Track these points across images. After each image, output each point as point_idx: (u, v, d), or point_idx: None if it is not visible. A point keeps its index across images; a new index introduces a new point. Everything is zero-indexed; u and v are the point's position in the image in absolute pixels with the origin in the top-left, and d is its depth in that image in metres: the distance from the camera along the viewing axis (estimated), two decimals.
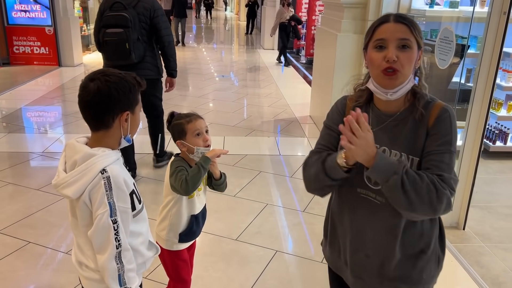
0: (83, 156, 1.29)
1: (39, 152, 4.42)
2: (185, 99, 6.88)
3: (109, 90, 1.29)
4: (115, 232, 1.28)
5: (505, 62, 4.50)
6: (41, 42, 8.67)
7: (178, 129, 1.85)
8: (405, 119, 1.30)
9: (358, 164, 1.27)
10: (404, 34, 1.24)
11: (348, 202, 1.41)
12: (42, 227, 3.03)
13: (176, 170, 1.80)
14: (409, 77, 1.27)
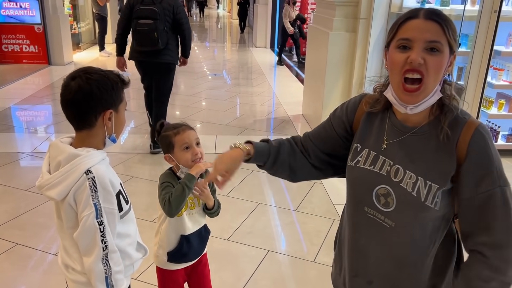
0: (67, 156, 1.26)
1: (28, 152, 4.36)
2: (177, 98, 6.83)
3: (90, 88, 1.26)
4: (101, 233, 1.25)
5: (496, 60, 4.52)
6: (30, 40, 8.56)
7: (165, 142, 1.71)
8: (428, 135, 1.11)
9: (366, 182, 1.18)
10: (435, 35, 1.03)
11: (353, 219, 1.26)
12: (31, 229, 2.98)
13: (161, 186, 1.69)
14: (436, 87, 1.06)
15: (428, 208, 1.09)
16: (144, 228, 1.67)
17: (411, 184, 1.10)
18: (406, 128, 1.14)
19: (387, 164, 1.15)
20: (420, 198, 1.09)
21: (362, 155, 1.21)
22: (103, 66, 9.14)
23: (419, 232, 1.14)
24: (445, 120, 1.08)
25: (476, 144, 1.05)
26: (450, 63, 1.08)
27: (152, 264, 2.58)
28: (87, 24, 11.54)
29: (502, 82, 4.46)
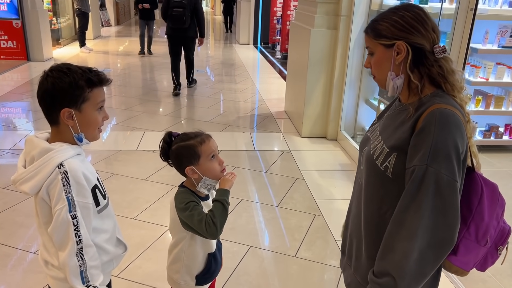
0: (40, 151, 1.26)
1: (7, 149, 4.28)
2: (160, 94, 6.78)
3: (46, 85, 1.27)
4: (75, 227, 1.24)
5: (473, 58, 4.62)
6: (8, 36, 8.39)
7: (188, 153, 1.53)
8: (404, 111, 1.25)
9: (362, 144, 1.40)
10: (367, 42, 1.31)
11: (355, 177, 1.48)
12: (9, 227, 2.94)
13: (188, 207, 1.51)
14: (387, 77, 1.26)
15: (377, 168, 1.24)
16: (125, 225, 1.64)
17: (374, 144, 1.30)
18: (398, 105, 1.34)
19: (376, 130, 1.37)
20: (373, 156, 1.27)
21: (372, 125, 1.44)
22: (84, 62, 9.03)
23: (376, 192, 1.27)
24: (414, 102, 1.22)
25: (425, 121, 1.14)
26: (399, 52, 1.22)
27: (134, 261, 2.58)
28: (67, 20, 11.35)
29: (479, 79, 4.56)
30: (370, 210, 1.30)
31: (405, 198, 1.15)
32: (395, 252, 1.15)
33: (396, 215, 1.17)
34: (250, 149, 4.62)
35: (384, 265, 1.18)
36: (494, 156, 4.64)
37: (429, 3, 4.06)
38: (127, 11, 17.94)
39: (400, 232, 1.15)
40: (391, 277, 1.15)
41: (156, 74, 8.20)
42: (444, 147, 1.11)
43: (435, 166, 1.10)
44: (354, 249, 1.39)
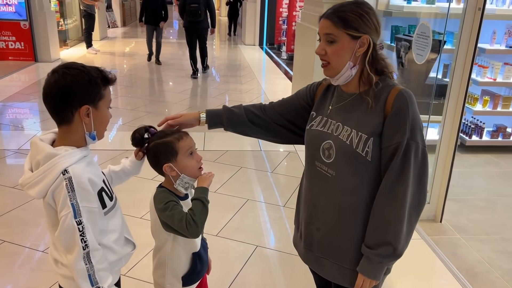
0: (45, 156, 1.26)
1: (14, 149, 4.32)
2: (166, 95, 6.81)
3: (65, 83, 1.24)
4: (81, 233, 1.24)
5: (480, 58, 4.60)
6: (16, 37, 8.45)
7: (166, 149, 1.50)
8: (361, 101, 1.37)
9: (316, 140, 1.43)
10: (328, 30, 1.33)
11: (308, 175, 1.50)
12: (17, 226, 2.96)
13: (168, 207, 1.47)
14: (345, 66, 1.34)
15: (359, 155, 1.33)
16: (132, 225, 1.63)
17: (346, 135, 1.36)
18: (346, 95, 1.42)
19: (332, 124, 1.42)
20: (352, 145, 1.33)
21: (315, 120, 1.48)
22: (90, 63, 9.06)
23: (354, 180, 1.36)
24: (370, 92, 1.35)
25: (397, 103, 1.29)
26: (362, 45, 1.32)
27: (141, 260, 2.59)
28: (74, 21, 11.42)
29: (486, 79, 4.54)
30: (353, 198, 1.37)
31: (392, 172, 1.29)
32: (390, 222, 1.30)
33: (385, 188, 1.31)
34: (256, 149, 4.62)
35: (379, 236, 1.32)
36: (502, 157, 4.62)
37: (436, 3, 4.05)
38: (133, 12, 18.02)
39: (391, 203, 1.30)
40: (389, 245, 1.31)
41: (162, 75, 8.22)
42: (417, 122, 1.30)
43: (414, 139, 1.28)
44: (330, 241, 1.43)
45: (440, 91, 3.26)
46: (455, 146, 3.10)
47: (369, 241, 1.35)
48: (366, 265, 1.37)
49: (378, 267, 1.36)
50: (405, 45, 3.70)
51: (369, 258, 1.35)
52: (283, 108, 1.61)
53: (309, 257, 1.53)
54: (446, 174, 3.16)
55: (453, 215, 3.36)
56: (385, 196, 1.31)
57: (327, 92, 1.51)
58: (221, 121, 1.60)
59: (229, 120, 1.59)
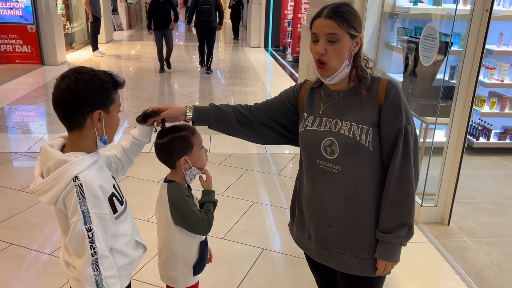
0: (55, 163, 1.25)
1: (22, 152, 4.34)
2: (171, 98, 6.82)
3: (78, 88, 1.23)
4: (90, 240, 1.24)
5: (488, 59, 4.56)
6: (23, 40, 8.51)
7: (183, 143, 1.57)
8: (352, 96, 1.44)
9: (314, 139, 1.47)
10: (332, 29, 1.36)
11: (310, 174, 1.52)
12: (24, 229, 2.97)
13: (187, 202, 1.56)
14: (342, 65, 1.40)
15: (363, 146, 1.39)
16: (139, 228, 1.64)
17: (347, 129, 1.41)
18: (336, 93, 1.48)
19: (328, 122, 1.46)
20: (356, 138, 1.39)
21: (308, 120, 1.51)
22: (97, 66, 9.08)
23: (360, 170, 1.42)
24: (362, 86, 1.42)
25: (389, 92, 1.39)
26: (356, 44, 1.40)
27: (148, 263, 2.59)
28: (80, 24, 11.49)
29: (494, 80, 4.51)
30: (361, 188, 1.43)
31: (398, 156, 1.38)
32: (404, 204, 1.40)
33: (393, 172, 1.39)
34: (261, 152, 4.62)
35: (395, 219, 1.40)
36: (509, 159, 4.58)
37: (442, 4, 4.03)
38: (139, 15, 18.10)
39: (403, 184, 1.39)
40: (405, 226, 1.41)
41: (168, 77, 8.24)
42: (408, 107, 1.41)
43: (409, 123, 1.39)
44: (344, 235, 1.47)
45: (447, 93, 3.24)
46: (462, 148, 3.08)
47: (385, 226, 1.42)
48: (385, 250, 1.43)
49: (398, 249, 1.44)
50: (412, 47, 3.68)
51: (389, 242, 1.41)
52: (268, 108, 1.64)
53: (324, 255, 1.53)
54: (454, 177, 3.14)
55: (461, 217, 3.33)
56: (396, 180, 1.39)
57: (312, 93, 1.56)
58: (207, 118, 1.59)
59: (216, 118, 1.59)
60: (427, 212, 3.22)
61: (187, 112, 1.55)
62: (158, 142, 1.59)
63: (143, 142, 1.63)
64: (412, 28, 4.21)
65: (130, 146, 1.62)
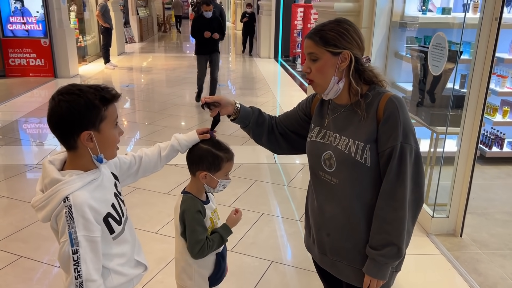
0: (50, 181, 1.25)
1: (33, 164, 4.39)
2: (182, 109, 6.86)
3: (61, 111, 1.21)
4: (75, 262, 1.21)
5: (499, 68, 4.51)
6: (36, 54, 8.67)
7: (212, 161, 1.59)
8: (353, 111, 1.45)
9: (316, 151, 1.51)
10: (310, 49, 1.41)
11: (313, 185, 1.58)
12: (34, 241, 2.99)
13: (197, 219, 1.59)
14: (330, 82, 1.42)
15: (358, 163, 1.40)
16: (147, 240, 1.63)
17: (344, 145, 1.43)
18: (339, 107, 1.50)
19: (330, 135, 1.49)
20: (351, 154, 1.40)
21: (314, 132, 1.56)
22: (108, 78, 9.20)
23: (357, 185, 1.43)
24: (362, 103, 1.42)
25: (387, 109, 1.37)
26: (344, 60, 1.40)
27: (156, 276, 2.58)
28: (93, 37, 11.68)
29: (506, 89, 4.44)
30: (358, 203, 1.44)
31: (391, 174, 1.36)
32: (392, 223, 1.37)
33: (385, 190, 1.38)
34: (271, 162, 4.60)
35: (383, 237, 1.39)
36: None
37: (452, 13, 4.01)
38: (150, 27, 18.34)
39: (393, 204, 1.37)
40: (393, 245, 1.38)
41: (179, 89, 8.31)
42: (408, 125, 1.37)
43: (407, 142, 1.36)
44: (340, 245, 1.50)
45: (457, 102, 3.20)
46: (474, 157, 3.03)
47: (373, 242, 1.42)
48: (371, 266, 1.43)
49: (384, 267, 1.42)
50: (421, 56, 3.66)
51: (375, 259, 1.41)
52: (287, 120, 1.71)
53: (324, 261, 1.58)
54: (466, 187, 3.08)
55: (474, 229, 3.27)
56: (386, 198, 1.39)
57: (323, 104, 1.59)
58: (249, 118, 1.65)
59: (256, 120, 1.66)
60: (438, 223, 3.17)
61: (236, 105, 1.62)
62: (199, 145, 1.62)
63: (181, 150, 1.64)
64: (421, 37, 4.19)
65: (168, 150, 1.62)
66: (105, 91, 1.27)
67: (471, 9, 3.84)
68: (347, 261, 1.50)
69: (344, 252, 1.50)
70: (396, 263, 1.44)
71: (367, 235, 1.44)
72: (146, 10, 17.54)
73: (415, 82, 3.83)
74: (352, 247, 1.48)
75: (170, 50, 14.96)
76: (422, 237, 3.13)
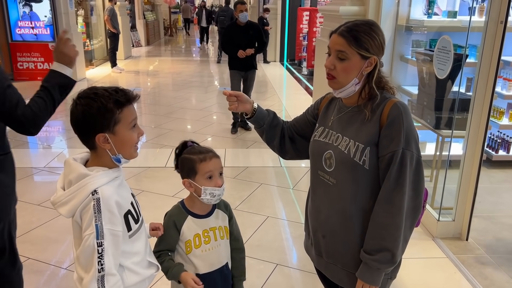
0: (77, 176, 1.28)
1: (41, 167, 4.44)
2: (188, 112, 6.90)
3: (77, 114, 1.28)
4: (99, 255, 1.25)
5: (506, 71, 4.49)
6: (44, 58, 8.75)
7: (188, 166, 1.58)
8: (358, 113, 1.45)
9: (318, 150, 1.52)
10: (341, 47, 1.39)
11: (312, 184, 1.58)
12: (42, 243, 3.02)
13: (167, 225, 1.63)
14: (350, 82, 1.41)
15: (357, 164, 1.39)
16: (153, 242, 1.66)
17: (344, 145, 1.43)
18: (345, 107, 1.50)
19: (332, 135, 1.50)
20: (350, 155, 1.40)
21: (318, 131, 1.57)
22: (115, 82, 9.25)
23: (354, 187, 1.42)
24: (368, 105, 1.42)
25: (391, 114, 1.36)
26: (370, 65, 1.40)
27: (162, 278, 2.59)
28: (100, 41, 11.77)
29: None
30: (353, 205, 1.43)
31: (390, 180, 1.35)
32: (388, 229, 1.36)
33: (383, 195, 1.37)
34: (276, 165, 4.61)
35: (378, 242, 1.37)
36: None
37: (457, 16, 4.01)
38: (157, 31, 18.45)
39: (390, 209, 1.35)
40: (387, 251, 1.36)
41: (185, 93, 8.35)
42: (411, 132, 1.36)
43: (409, 148, 1.35)
44: (335, 247, 1.49)
45: (463, 106, 3.19)
46: (480, 161, 3.02)
47: (367, 247, 1.40)
48: (364, 270, 1.41)
49: (376, 273, 1.40)
50: (426, 60, 3.66)
51: (368, 264, 1.40)
52: (296, 124, 1.72)
53: (320, 263, 1.59)
54: (472, 190, 3.07)
55: (480, 232, 3.25)
56: (383, 203, 1.37)
57: (330, 104, 1.60)
58: (264, 117, 1.64)
59: (270, 122, 1.66)
60: (444, 227, 3.16)
61: (254, 104, 1.62)
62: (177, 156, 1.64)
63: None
64: (426, 41, 4.19)
65: None
66: (119, 94, 1.30)
67: (476, 12, 3.83)
68: (341, 265, 1.50)
69: (339, 255, 1.49)
70: (390, 269, 1.42)
71: (362, 240, 1.43)
72: (152, 14, 17.66)
73: (421, 86, 3.83)
74: (347, 250, 1.47)
75: (176, 54, 15.04)
76: (427, 240, 3.12)
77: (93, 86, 1.35)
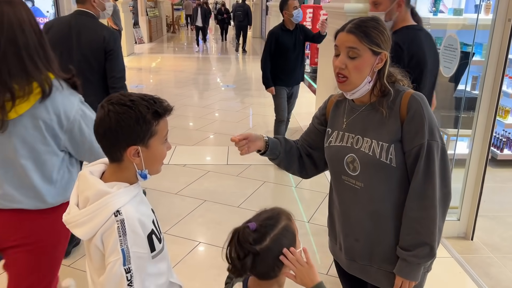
0: (95, 193, 1.14)
1: None
2: (190, 110, 6.88)
3: (109, 122, 1.12)
4: (129, 282, 1.12)
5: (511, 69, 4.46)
6: None
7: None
8: (374, 111, 1.42)
9: (337, 155, 1.47)
10: (352, 43, 1.35)
11: (337, 190, 1.55)
12: None
13: None
14: (363, 81, 1.37)
15: (384, 164, 1.37)
16: None
17: (367, 146, 1.40)
18: (357, 107, 1.46)
19: (350, 137, 1.45)
20: (376, 156, 1.37)
21: (332, 136, 1.52)
22: None
23: (384, 187, 1.40)
24: (384, 102, 1.38)
25: (411, 107, 1.34)
26: (380, 61, 1.37)
27: None
28: None
29: None
30: (385, 205, 1.41)
31: (419, 173, 1.33)
32: (423, 222, 1.34)
33: (414, 190, 1.35)
34: None
35: (415, 237, 1.36)
36: None
37: (463, 14, 3.97)
38: (160, 28, 18.43)
39: (423, 203, 1.34)
40: (425, 245, 1.35)
41: (187, 90, 8.33)
42: (433, 121, 1.35)
43: (434, 139, 1.34)
44: (370, 249, 1.47)
45: (469, 104, 3.17)
46: (486, 160, 2.99)
47: (404, 243, 1.39)
48: (403, 267, 1.40)
49: (416, 268, 1.39)
50: None
51: (407, 260, 1.38)
52: (307, 138, 1.66)
53: (353, 267, 1.55)
54: (477, 190, 3.05)
55: (485, 232, 3.23)
56: (415, 197, 1.35)
57: (337, 107, 1.56)
58: (278, 146, 1.56)
59: (284, 148, 1.59)
60: (449, 226, 3.14)
61: (264, 137, 1.54)
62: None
63: None
64: None
65: None
66: (157, 104, 1.19)
67: (483, 10, 3.80)
68: (378, 265, 1.48)
69: (374, 256, 1.47)
70: (428, 263, 1.42)
71: (397, 237, 1.41)
72: (155, 11, 17.63)
73: None
74: (382, 250, 1.45)
75: (179, 51, 15.02)
76: None
77: (124, 91, 1.22)
